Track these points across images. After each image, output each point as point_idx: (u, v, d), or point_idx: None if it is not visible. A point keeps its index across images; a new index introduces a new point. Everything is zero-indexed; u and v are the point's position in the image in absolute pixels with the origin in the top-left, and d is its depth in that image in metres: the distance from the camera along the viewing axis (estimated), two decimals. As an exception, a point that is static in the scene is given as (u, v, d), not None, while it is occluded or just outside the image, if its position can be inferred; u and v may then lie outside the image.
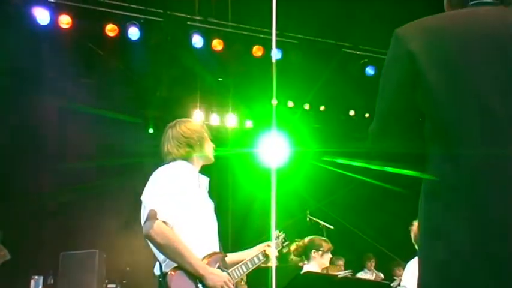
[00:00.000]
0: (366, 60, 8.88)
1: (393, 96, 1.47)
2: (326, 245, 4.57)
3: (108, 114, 7.86)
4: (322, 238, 4.79)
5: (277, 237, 3.62)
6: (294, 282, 2.27)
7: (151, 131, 8.53)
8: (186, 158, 3.13)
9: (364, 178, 8.87)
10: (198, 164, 3.19)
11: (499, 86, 1.33)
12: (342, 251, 6.57)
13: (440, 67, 1.39)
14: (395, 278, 7.67)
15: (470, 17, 1.46)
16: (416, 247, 3.71)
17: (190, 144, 3.14)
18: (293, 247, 4.42)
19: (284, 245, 3.65)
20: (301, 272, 2.24)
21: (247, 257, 3.31)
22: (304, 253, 4.47)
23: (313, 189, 8.74)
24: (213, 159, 3.27)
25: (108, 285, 6.76)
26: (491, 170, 1.25)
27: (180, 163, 3.10)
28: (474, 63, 1.37)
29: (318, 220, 5.99)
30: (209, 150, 3.24)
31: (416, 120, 1.43)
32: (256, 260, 3.34)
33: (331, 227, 5.89)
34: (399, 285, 2.34)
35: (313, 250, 4.46)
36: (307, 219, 6.03)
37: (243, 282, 4.59)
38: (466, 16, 1.47)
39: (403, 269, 5.25)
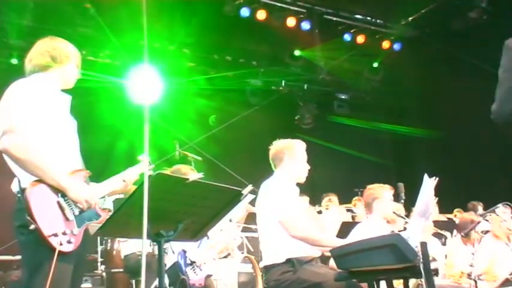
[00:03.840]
0: (241, 1, 8.97)
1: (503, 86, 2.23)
2: (192, 173, 4.71)
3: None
4: (189, 167, 4.95)
5: (142, 161, 3.68)
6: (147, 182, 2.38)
7: (14, 61, 8.01)
8: (45, 71, 3.05)
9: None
10: (57, 82, 3.11)
11: None
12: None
13: None
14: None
15: None
16: None
17: (53, 56, 3.07)
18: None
19: (149, 168, 3.72)
20: (154, 173, 2.35)
21: (110, 181, 3.35)
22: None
23: (186, 126, 8.82)
24: (71, 84, 3.22)
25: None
26: None
27: (37, 76, 3.03)
28: None
29: (187, 152, 6.15)
30: (70, 74, 3.17)
31: None
32: (118, 184, 3.38)
33: (199, 158, 6.08)
34: (251, 192, 2.55)
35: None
36: (177, 152, 6.17)
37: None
38: None
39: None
